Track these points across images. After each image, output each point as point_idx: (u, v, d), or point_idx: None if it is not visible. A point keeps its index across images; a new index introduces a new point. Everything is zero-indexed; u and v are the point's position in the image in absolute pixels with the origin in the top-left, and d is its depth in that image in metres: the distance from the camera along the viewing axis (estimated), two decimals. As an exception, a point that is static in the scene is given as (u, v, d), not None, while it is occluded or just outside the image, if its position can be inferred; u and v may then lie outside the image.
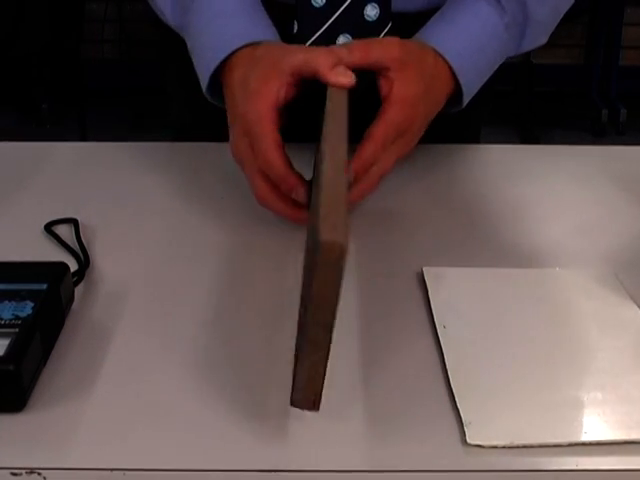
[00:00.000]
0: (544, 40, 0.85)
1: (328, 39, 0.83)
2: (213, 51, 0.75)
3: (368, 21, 0.83)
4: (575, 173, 0.85)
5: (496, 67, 0.82)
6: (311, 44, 0.82)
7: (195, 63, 0.79)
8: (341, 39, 0.82)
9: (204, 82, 0.76)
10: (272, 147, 0.67)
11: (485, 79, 0.81)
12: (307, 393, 0.46)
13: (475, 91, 0.80)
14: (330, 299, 0.42)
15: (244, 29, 0.76)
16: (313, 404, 0.46)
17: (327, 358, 0.44)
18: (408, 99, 0.70)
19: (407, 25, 0.84)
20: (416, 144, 0.74)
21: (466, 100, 0.79)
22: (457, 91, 0.78)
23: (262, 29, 0.76)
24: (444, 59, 0.76)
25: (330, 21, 0.82)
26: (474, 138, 1.01)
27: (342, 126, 0.60)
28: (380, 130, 0.69)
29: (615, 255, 0.69)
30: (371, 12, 0.82)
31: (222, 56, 0.74)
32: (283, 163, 0.67)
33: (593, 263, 0.68)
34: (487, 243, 0.71)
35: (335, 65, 0.68)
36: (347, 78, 0.68)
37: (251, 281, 0.66)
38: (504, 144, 0.94)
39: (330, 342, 0.44)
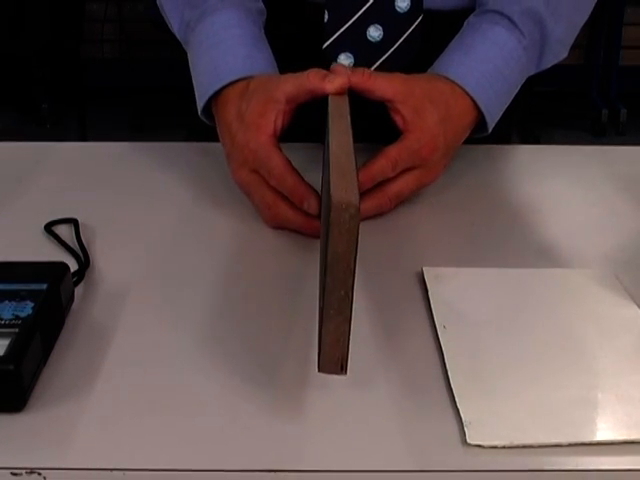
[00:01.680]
0: (564, 55, 0.84)
1: (358, 29, 0.83)
2: (210, 78, 0.77)
3: (399, 12, 0.83)
4: (575, 173, 0.85)
5: (517, 89, 0.82)
6: (341, 34, 0.83)
7: (193, 80, 0.80)
8: (371, 30, 0.83)
9: (199, 105, 0.78)
10: (282, 163, 0.69)
11: (508, 102, 0.81)
12: (334, 357, 0.46)
13: (499, 116, 0.80)
14: (347, 258, 0.44)
15: (242, 61, 0.76)
16: (341, 368, 0.46)
17: (350, 320, 0.45)
18: (425, 128, 0.71)
19: (440, 23, 0.84)
20: (440, 174, 0.75)
21: (491, 126, 0.79)
22: (480, 118, 0.78)
23: (259, 63, 0.77)
24: (463, 89, 0.76)
25: (361, 11, 0.83)
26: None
27: (345, 122, 0.61)
28: (394, 150, 0.71)
29: (615, 255, 0.69)
30: (402, 3, 0.82)
31: (216, 87, 0.75)
32: (296, 175, 0.69)
33: (593, 263, 0.68)
34: (487, 243, 0.71)
35: (325, 76, 0.69)
36: (341, 80, 0.69)
37: (253, 281, 0.66)
38: (504, 144, 0.94)
39: (352, 303, 0.45)
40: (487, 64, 0.78)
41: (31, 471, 0.46)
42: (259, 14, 0.82)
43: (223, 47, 0.77)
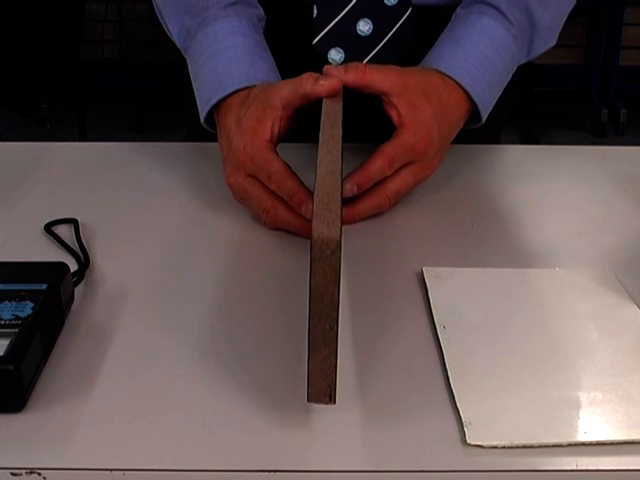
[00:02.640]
0: (553, 42, 0.85)
1: (348, 24, 0.84)
2: (213, 86, 0.77)
3: (387, 5, 0.83)
4: (575, 173, 0.85)
5: (509, 78, 0.82)
6: (331, 28, 0.83)
7: (194, 88, 0.80)
8: (361, 24, 0.83)
9: (202, 114, 0.78)
10: (282, 167, 0.69)
11: (500, 92, 0.81)
12: (321, 387, 0.47)
13: (492, 106, 0.80)
14: (330, 291, 0.45)
15: (245, 70, 0.76)
16: (329, 398, 0.47)
17: (336, 352, 0.46)
18: (420, 122, 0.71)
19: (430, 19, 0.84)
20: (437, 168, 0.75)
21: (484, 116, 0.79)
22: (474, 109, 0.78)
23: (262, 71, 0.77)
24: (455, 81, 0.76)
25: (350, 5, 0.83)
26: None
27: (336, 133, 0.62)
28: (390, 148, 0.71)
29: (615, 255, 0.69)
30: None
31: (220, 96, 0.75)
32: (295, 179, 0.69)
33: (593, 263, 0.68)
34: (487, 243, 0.71)
35: (318, 79, 0.69)
36: (332, 82, 0.69)
37: (253, 282, 0.66)
38: (504, 144, 0.94)
39: (337, 334, 0.45)
40: (477, 54, 0.78)
41: (31, 471, 0.46)
42: (259, 20, 0.82)
43: (226, 55, 0.77)
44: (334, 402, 0.47)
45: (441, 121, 0.73)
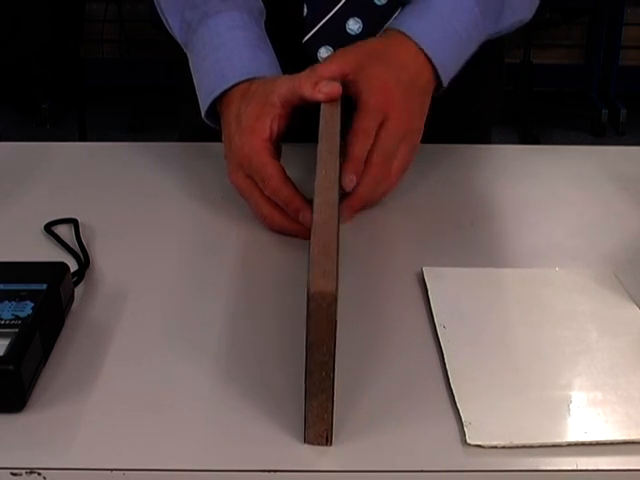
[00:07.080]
0: (528, 15, 0.84)
1: (338, 22, 0.83)
2: (215, 79, 0.77)
3: (377, 5, 0.83)
4: (575, 173, 0.85)
5: (474, 47, 0.80)
6: (320, 28, 0.83)
7: (195, 83, 0.80)
8: (351, 23, 0.83)
9: (203, 108, 0.78)
10: (277, 173, 0.69)
11: (463, 59, 0.79)
12: (318, 430, 0.48)
13: (454, 71, 0.78)
14: (326, 343, 0.46)
15: (247, 63, 0.76)
16: (326, 440, 0.48)
17: (333, 397, 0.47)
18: (367, 77, 0.71)
19: None
20: (422, 130, 0.74)
21: (445, 80, 0.77)
22: (431, 65, 0.76)
23: (264, 64, 0.77)
24: (403, 33, 0.75)
25: (340, 4, 0.83)
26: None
27: (334, 149, 0.62)
28: (358, 121, 0.70)
29: (614, 255, 0.69)
30: None
31: (222, 88, 0.75)
32: (290, 186, 0.69)
33: (593, 263, 0.68)
34: (487, 243, 0.71)
35: (317, 82, 0.69)
36: (330, 88, 0.69)
37: (253, 281, 0.66)
38: (504, 144, 0.94)
39: (333, 381, 0.47)
40: (433, 13, 0.77)
41: (31, 471, 0.46)
42: (260, 14, 0.82)
43: (228, 49, 0.77)
44: (330, 444, 0.48)
45: (392, 69, 0.72)
